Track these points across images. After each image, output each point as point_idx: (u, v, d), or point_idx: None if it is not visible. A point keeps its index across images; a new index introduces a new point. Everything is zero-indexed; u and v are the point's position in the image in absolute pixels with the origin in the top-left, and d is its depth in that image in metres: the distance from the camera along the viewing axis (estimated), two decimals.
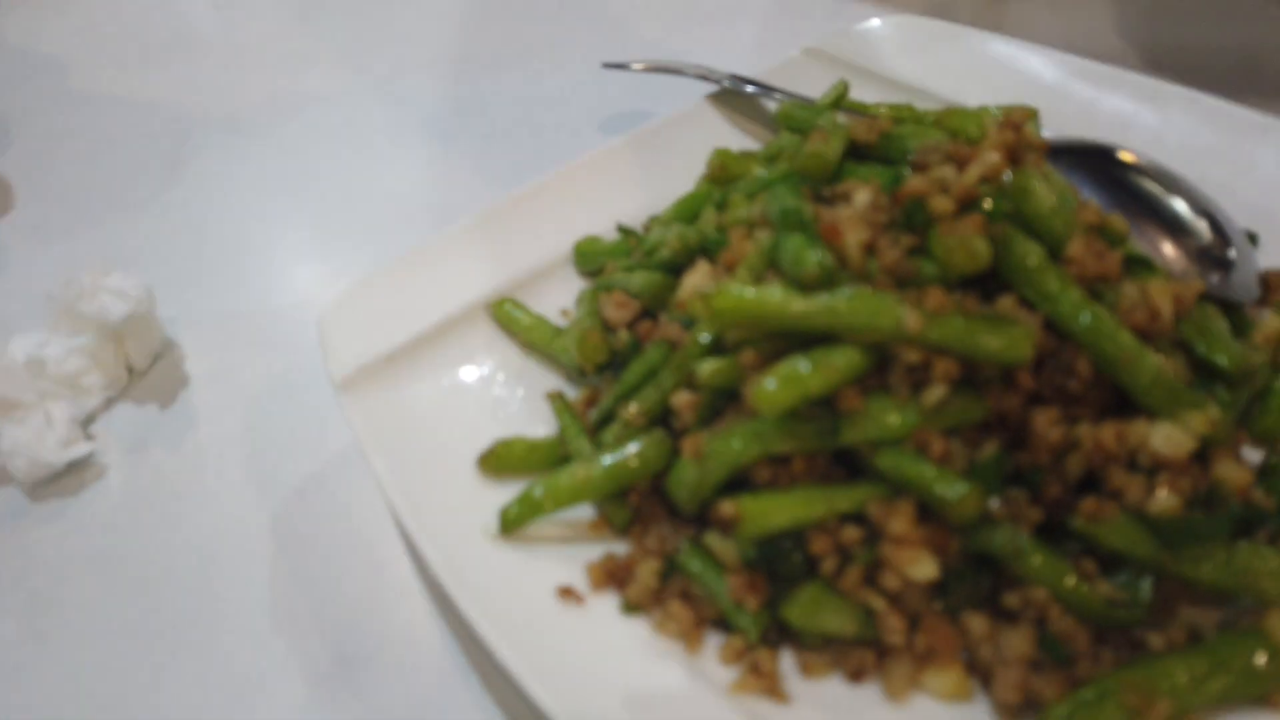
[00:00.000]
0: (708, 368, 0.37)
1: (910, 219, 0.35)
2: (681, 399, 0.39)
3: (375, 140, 0.77)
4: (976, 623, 0.34)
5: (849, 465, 0.36)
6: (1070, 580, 0.33)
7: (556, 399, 0.44)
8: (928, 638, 0.34)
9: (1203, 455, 0.34)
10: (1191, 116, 0.56)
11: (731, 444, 0.35)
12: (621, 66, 0.66)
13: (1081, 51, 0.65)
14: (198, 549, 0.47)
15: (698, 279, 0.42)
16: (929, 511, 0.34)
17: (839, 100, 0.54)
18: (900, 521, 0.33)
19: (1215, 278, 0.43)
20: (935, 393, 0.33)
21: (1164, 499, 0.32)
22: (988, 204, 0.36)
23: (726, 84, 0.62)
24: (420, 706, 0.40)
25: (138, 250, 0.68)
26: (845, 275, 0.35)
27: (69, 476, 0.52)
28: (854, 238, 0.35)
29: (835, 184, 0.42)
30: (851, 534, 0.34)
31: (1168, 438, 0.33)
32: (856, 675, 0.34)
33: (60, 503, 0.50)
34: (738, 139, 0.61)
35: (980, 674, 0.34)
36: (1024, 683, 0.32)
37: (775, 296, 0.34)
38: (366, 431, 0.43)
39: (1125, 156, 0.49)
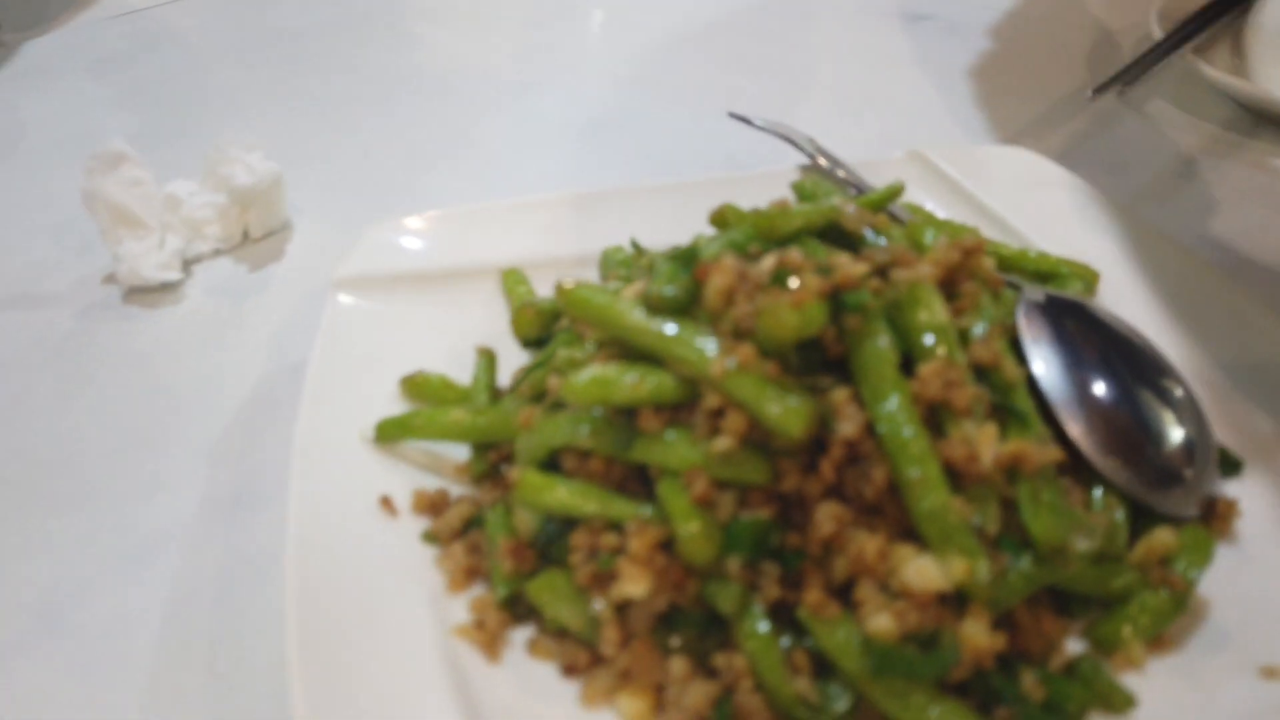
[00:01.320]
0: (563, 355, 0.40)
1: (775, 282, 0.37)
2: (553, 382, 0.42)
3: (538, 128, 0.85)
4: (678, 664, 0.34)
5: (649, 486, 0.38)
6: (771, 660, 0.33)
7: (484, 354, 0.49)
8: (632, 659, 0.35)
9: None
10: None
11: (547, 426, 0.39)
12: (743, 119, 0.70)
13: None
14: (204, 383, 0.56)
15: (633, 291, 0.45)
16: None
17: (889, 197, 0.55)
18: (640, 541, 0.35)
19: (1146, 484, 0.40)
20: (722, 443, 0.35)
21: (882, 621, 0.32)
22: (863, 296, 0.36)
23: (823, 162, 0.64)
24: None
25: (315, 147, 0.81)
26: (701, 313, 0.37)
27: (157, 293, 0.63)
28: (717, 282, 0.37)
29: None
30: (609, 540, 0.36)
31: (920, 569, 0.33)
32: (569, 670, 0.36)
33: (140, 310, 0.62)
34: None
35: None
36: None
37: (605, 300, 0.37)
38: (331, 324, 0.50)
39: (1150, 357, 0.45)
